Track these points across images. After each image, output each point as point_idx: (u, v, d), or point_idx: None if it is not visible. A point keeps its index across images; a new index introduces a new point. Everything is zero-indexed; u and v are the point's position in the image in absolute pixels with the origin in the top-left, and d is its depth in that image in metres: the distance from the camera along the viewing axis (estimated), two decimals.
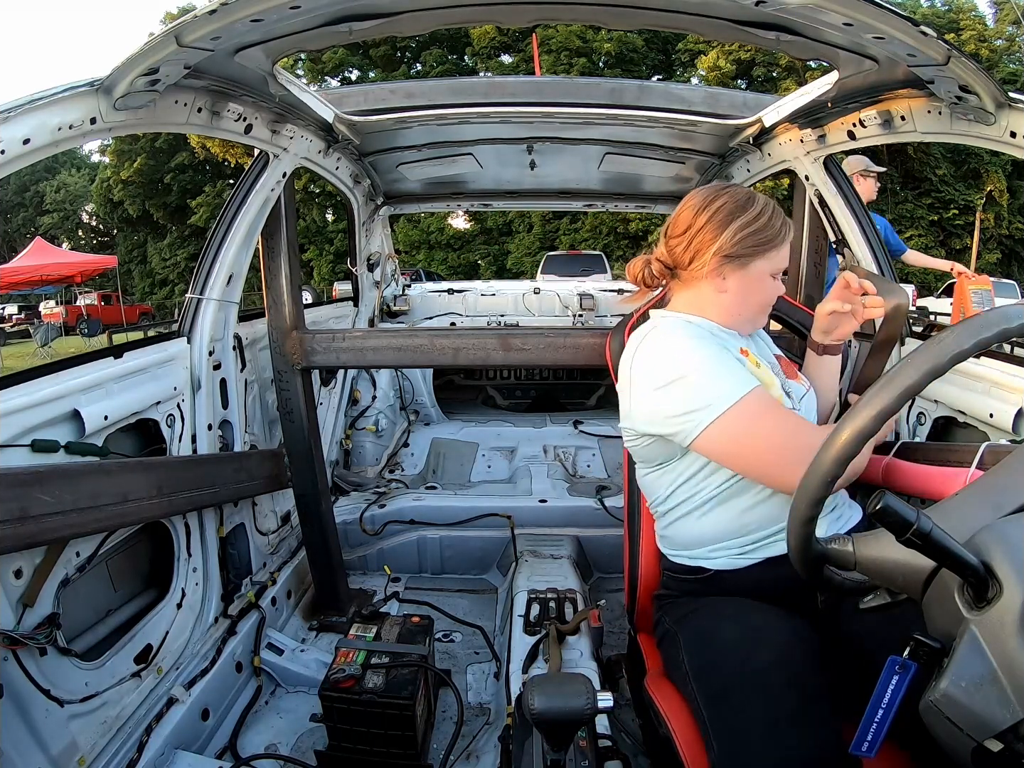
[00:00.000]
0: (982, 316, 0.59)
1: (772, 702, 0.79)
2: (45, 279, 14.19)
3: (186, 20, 0.97)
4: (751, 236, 0.97)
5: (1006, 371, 1.33)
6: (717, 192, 1.01)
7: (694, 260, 1.01)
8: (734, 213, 0.97)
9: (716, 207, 0.98)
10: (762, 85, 18.58)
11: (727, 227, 0.97)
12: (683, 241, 1.01)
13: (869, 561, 0.61)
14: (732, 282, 1.00)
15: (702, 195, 1.02)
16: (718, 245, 0.97)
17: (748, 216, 0.97)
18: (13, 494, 0.99)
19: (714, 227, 0.98)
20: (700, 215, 0.99)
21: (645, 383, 0.98)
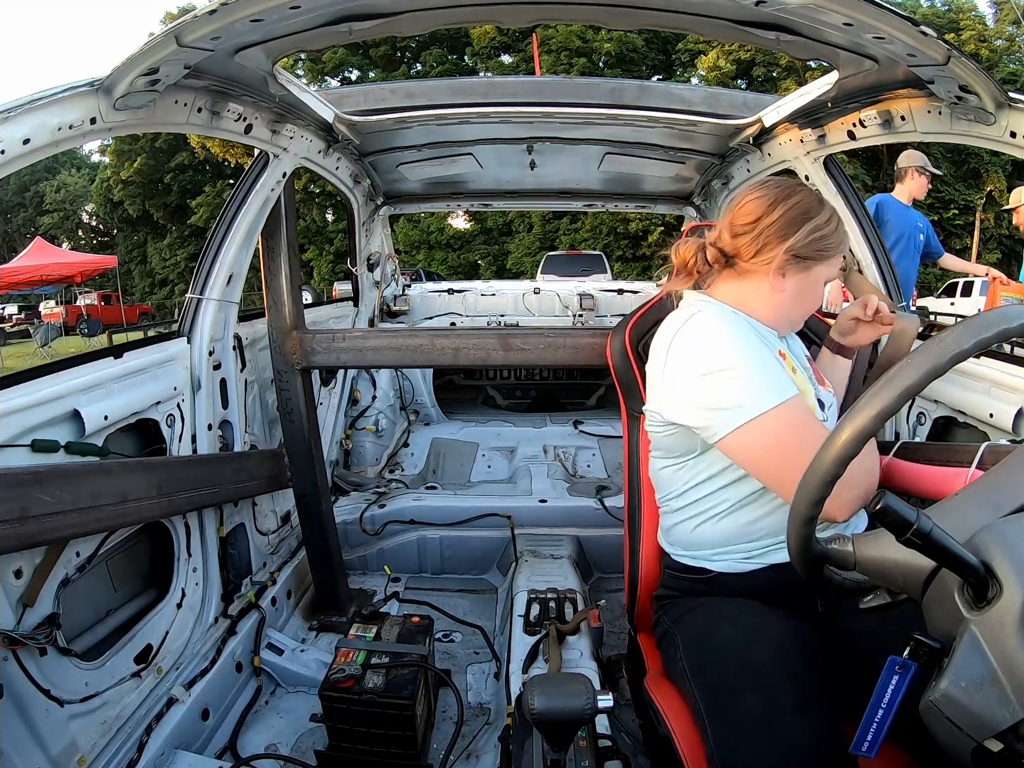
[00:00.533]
0: (982, 316, 0.59)
1: (770, 695, 0.79)
2: (45, 279, 14.20)
3: (186, 20, 0.97)
4: (821, 240, 0.95)
5: (1006, 371, 1.33)
6: (793, 188, 0.98)
7: (759, 254, 0.97)
8: (809, 213, 0.95)
9: (792, 203, 0.95)
10: (762, 85, 18.59)
11: (801, 226, 0.94)
12: (751, 232, 0.97)
13: (869, 561, 0.61)
14: (791, 282, 0.97)
15: (776, 189, 0.98)
16: (790, 243, 0.94)
17: (821, 219, 0.95)
18: (13, 494, 0.99)
19: (787, 224, 0.95)
20: (775, 209, 0.96)
21: (685, 368, 0.94)
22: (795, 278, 0.98)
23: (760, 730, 0.76)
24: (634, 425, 1.25)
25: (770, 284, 0.98)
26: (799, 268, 0.97)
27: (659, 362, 1.00)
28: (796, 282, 0.98)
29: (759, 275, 0.99)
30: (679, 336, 0.97)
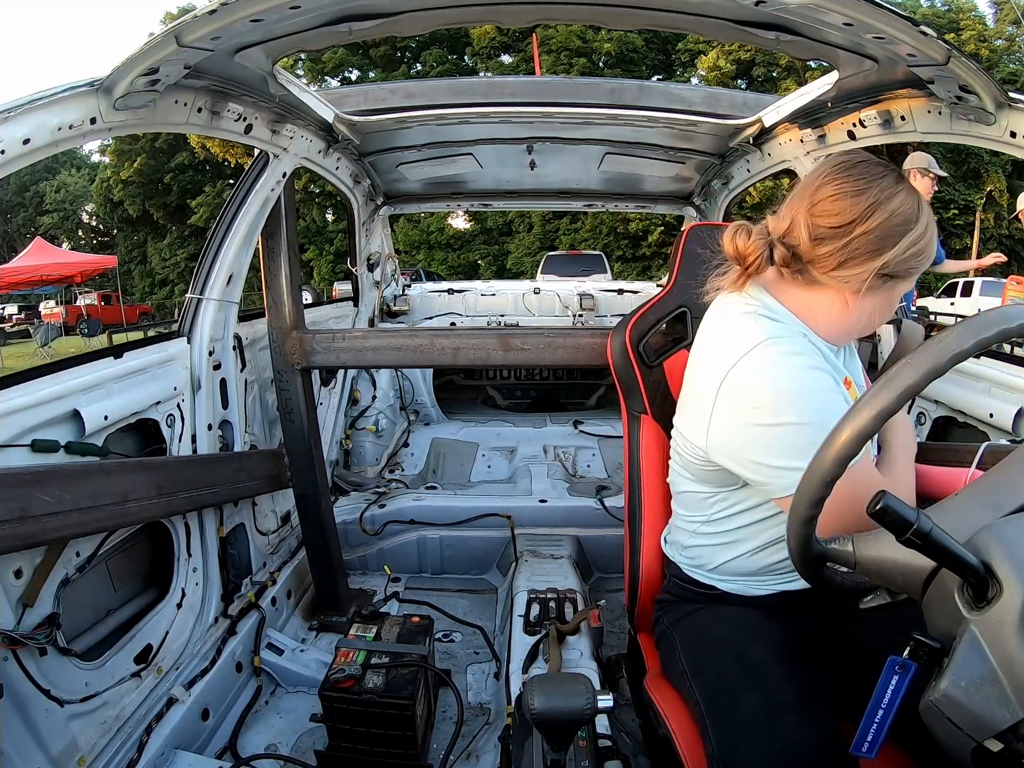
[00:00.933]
0: (982, 316, 0.59)
1: (770, 693, 0.79)
2: (45, 279, 14.20)
3: (186, 20, 0.97)
4: (917, 257, 0.79)
5: (1006, 371, 1.33)
6: (893, 187, 0.79)
7: (842, 267, 0.80)
8: (909, 222, 0.78)
9: (892, 209, 0.77)
10: (762, 85, 18.59)
11: (900, 239, 0.77)
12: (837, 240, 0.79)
13: (869, 561, 0.61)
14: (870, 303, 0.82)
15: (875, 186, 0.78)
16: (884, 260, 0.78)
17: (920, 229, 0.78)
18: (13, 494, 0.99)
19: (884, 236, 0.77)
20: (872, 215, 0.77)
21: (743, 413, 0.80)
22: (876, 298, 0.82)
23: (760, 729, 0.76)
24: (634, 425, 1.25)
25: (844, 301, 0.83)
26: (884, 288, 0.81)
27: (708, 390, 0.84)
28: (876, 302, 0.82)
29: (833, 289, 0.83)
30: (737, 371, 0.81)
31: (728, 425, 0.83)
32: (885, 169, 0.82)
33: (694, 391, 0.91)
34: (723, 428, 0.84)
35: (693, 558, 1.03)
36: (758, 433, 0.80)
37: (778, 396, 0.78)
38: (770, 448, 0.79)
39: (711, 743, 0.81)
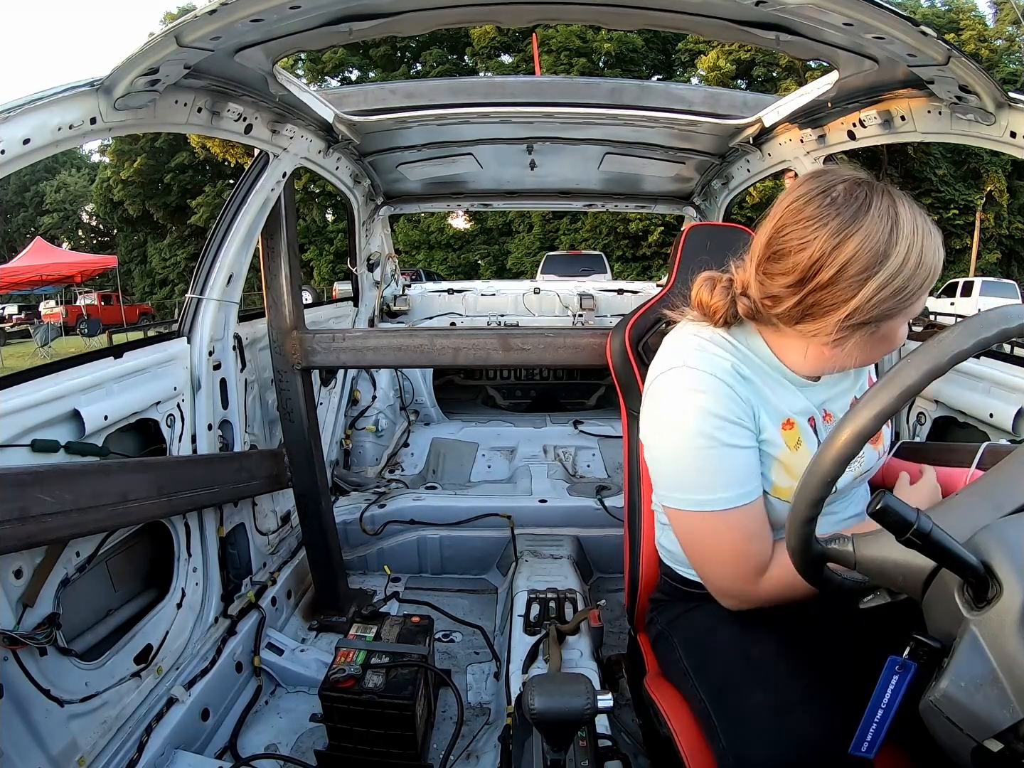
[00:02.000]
0: (982, 316, 0.59)
1: (778, 689, 0.79)
2: (45, 279, 14.20)
3: (186, 20, 0.97)
4: (894, 295, 0.68)
5: (1006, 371, 1.33)
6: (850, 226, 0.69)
7: (803, 322, 0.75)
8: (876, 260, 0.67)
9: (848, 258, 0.68)
10: (762, 85, 18.59)
11: (864, 285, 0.68)
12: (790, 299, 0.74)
13: (869, 561, 0.61)
14: (849, 346, 0.74)
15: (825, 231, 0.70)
16: (848, 311, 0.69)
17: (894, 264, 0.67)
18: (13, 494, 0.99)
19: (846, 286, 0.69)
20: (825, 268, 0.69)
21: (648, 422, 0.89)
22: (856, 342, 0.74)
23: (771, 725, 0.76)
24: (634, 425, 1.25)
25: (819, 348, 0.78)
26: (863, 332, 0.73)
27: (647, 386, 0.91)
28: (857, 345, 0.74)
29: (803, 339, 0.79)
30: (658, 384, 0.86)
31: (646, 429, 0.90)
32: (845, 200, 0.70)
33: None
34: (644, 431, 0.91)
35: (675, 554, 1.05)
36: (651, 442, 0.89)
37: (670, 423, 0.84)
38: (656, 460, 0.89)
39: (721, 741, 0.80)
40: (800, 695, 0.78)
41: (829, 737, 0.72)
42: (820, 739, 0.73)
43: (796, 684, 0.79)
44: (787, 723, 0.75)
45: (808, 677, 0.81)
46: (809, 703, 0.77)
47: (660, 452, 0.87)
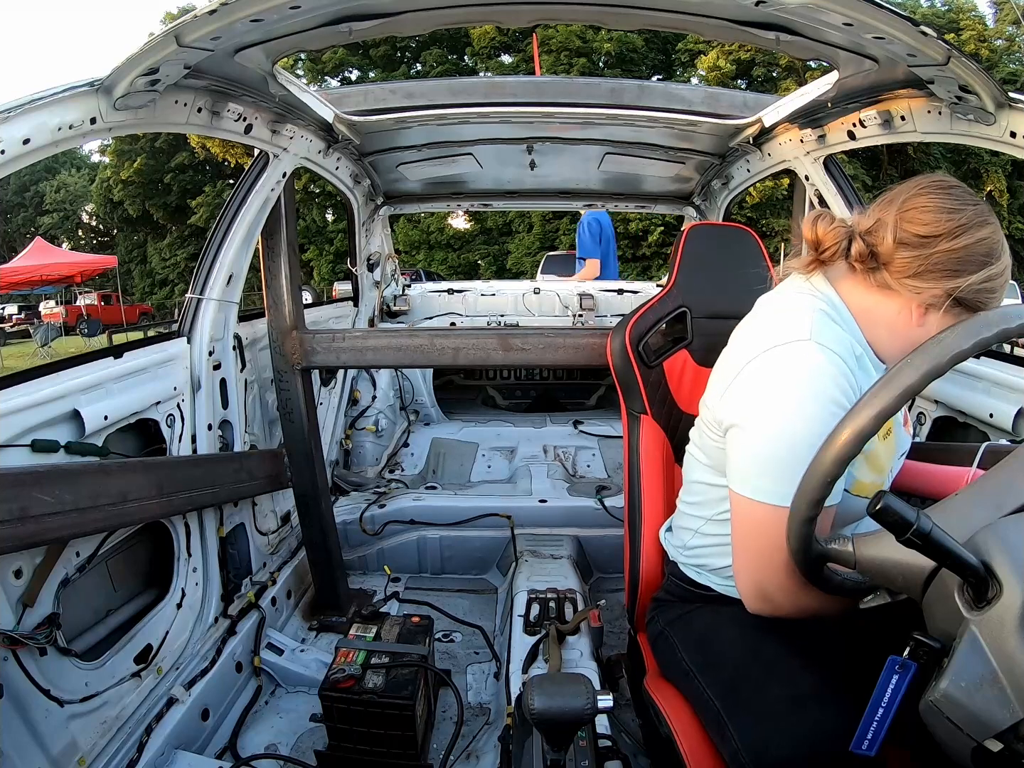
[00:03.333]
0: (982, 316, 0.59)
1: (791, 683, 0.79)
2: (45, 279, 14.20)
3: (186, 20, 0.97)
4: (990, 293, 0.78)
5: (1006, 371, 1.33)
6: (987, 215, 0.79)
7: (918, 277, 0.79)
8: (991, 256, 0.78)
9: (980, 237, 0.77)
10: (762, 85, 18.57)
11: (981, 269, 0.77)
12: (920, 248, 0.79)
13: (869, 561, 0.61)
14: (933, 323, 0.79)
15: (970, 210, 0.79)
16: (960, 283, 0.77)
17: (1000, 266, 0.78)
18: (13, 494, 0.99)
19: (966, 259, 0.77)
20: (963, 235, 0.77)
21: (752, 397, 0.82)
22: (941, 321, 0.79)
23: (789, 719, 0.76)
24: (634, 425, 1.25)
25: (910, 313, 0.81)
26: (952, 313, 0.78)
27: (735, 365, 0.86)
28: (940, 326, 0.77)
29: (902, 298, 0.81)
30: (763, 360, 0.81)
31: (739, 400, 0.84)
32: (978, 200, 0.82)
33: (727, 357, 0.91)
34: (730, 404, 0.85)
35: (694, 557, 1.03)
36: (751, 420, 0.81)
37: (781, 401, 0.78)
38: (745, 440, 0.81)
39: (734, 739, 0.79)
40: (817, 688, 0.78)
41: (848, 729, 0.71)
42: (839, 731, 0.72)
43: (811, 678, 0.79)
44: (806, 715, 0.75)
45: (821, 671, 0.80)
46: (826, 696, 0.77)
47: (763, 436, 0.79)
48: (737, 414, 0.83)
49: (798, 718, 0.75)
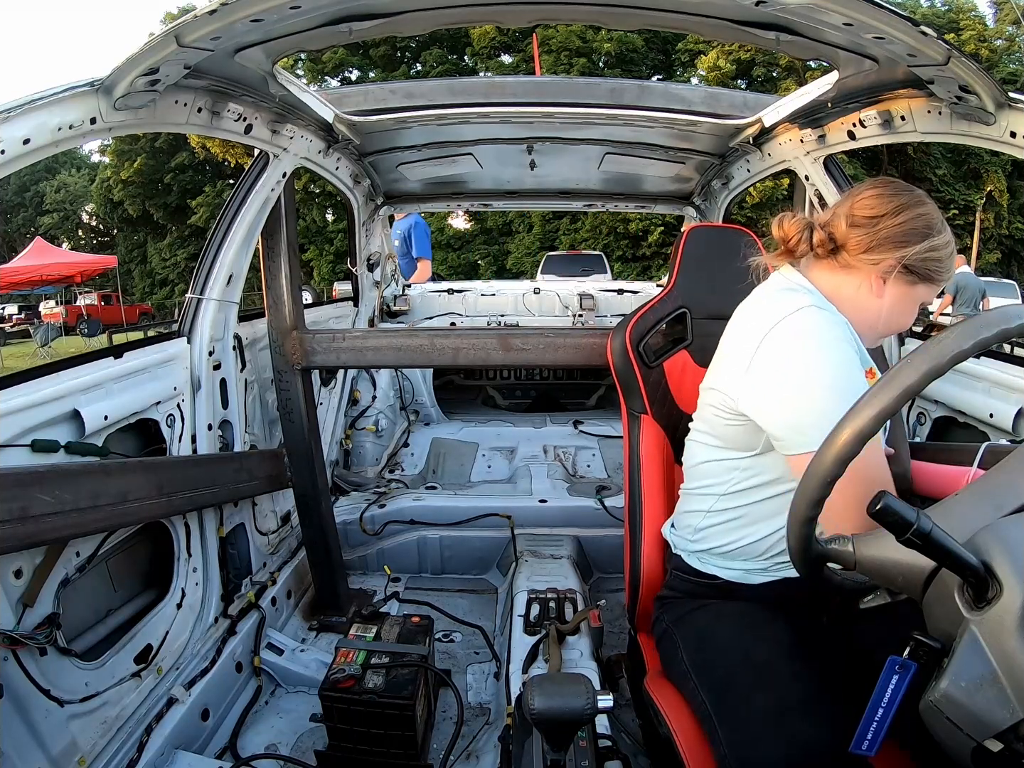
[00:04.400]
0: (982, 316, 0.59)
1: (779, 692, 0.79)
2: (45, 279, 14.19)
3: (186, 20, 0.97)
4: (935, 261, 0.90)
5: (1006, 371, 1.33)
6: (923, 198, 0.92)
7: (869, 251, 0.91)
8: (931, 229, 0.90)
9: (919, 213, 0.90)
10: (762, 85, 18.57)
11: (923, 240, 0.89)
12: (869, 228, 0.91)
13: (869, 561, 0.61)
14: (892, 292, 0.91)
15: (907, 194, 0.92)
16: (906, 252, 0.88)
17: (941, 239, 0.90)
18: (13, 494, 0.99)
19: (909, 232, 0.89)
20: (903, 212, 0.90)
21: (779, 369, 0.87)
22: (897, 289, 0.91)
23: (773, 729, 0.76)
24: (634, 425, 1.25)
25: (870, 285, 0.92)
26: (905, 282, 0.91)
27: (748, 345, 0.91)
28: (896, 294, 0.92)
29: (862, 273, 0.92)
30: (778, 330, 0.88)
31: (764, 381, 0.88)
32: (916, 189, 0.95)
33: (732, 345, 0.97)
34: (759, 384, 0.89)
35: (701, 540, 1.04)
36: (789, 391, 0.85)
37: (814, 357, 0.84)
38: (798, 408, 0.84)
39: (721, 744, 0.80)
40: (803, 697, 0.78)
41: (829, 738, 0.72)
42: (820, 740, 0.73)
43: (799, 686, 0.79)
44: (787, 726, 0.75)
45: (809, 678, 0.81)
46: (809, 705, 0.77)
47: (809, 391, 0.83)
48: (769, 385, 0.88)
49: (781, 727, 0.76)
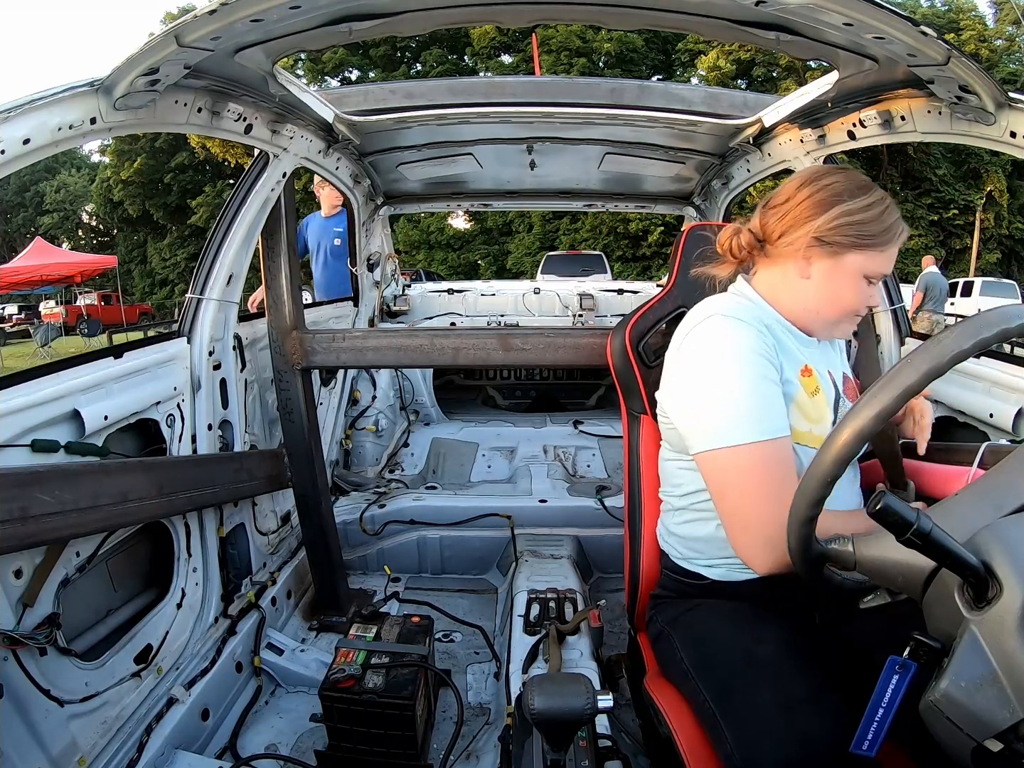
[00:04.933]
0: (982, 316, 0.59)
1: (783, 688, 0.79)
2: (45, 279, 14.20)
3: (186, 20, 0.97)
4: (852, 226, 0.88)
5: (1006, 371, 1.33)
6: (831, 170, 0.93)
7: (785, 235, 0.93)
8: (841, 196, 0.89)
9: (823, 184, 0.90)
10: (762, 85, 18.58)
11: (830, 208, 0.89)
12: (779, 212, 0.94)
13: (869, 561, 0.61)
14: (817, 269, 0.92)
15: (812, 170, 0.95)
16: (814, 224, 0.89)
17: (856, 204, 0.88)
18: (13, 494, 0.99)
19: (815, 204, 0.90)
20: (804, 188, 0.92)
21: (687, 371, 0.94)
22: (822, 264, 0.91)
23: (779, 726, 0.76)
24: (634, 425, 1.25)
25: (797, 272, 0.93)
26: (826, 254, 0.90)
27: (674, 351, 0.99)
28: (823, 269, 0.91)
29: (788, 260, 0.94)
30: (693, 335, 0.94)
31: (678, 382, 0.96)
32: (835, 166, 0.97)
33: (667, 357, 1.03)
34: (675, 385, 0.97)
35: (679, 539, 1.07)
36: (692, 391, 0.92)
37: (711, 363, 0.90)
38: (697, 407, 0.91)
39: (728, 743, 0.80)
40: (808, 693, 0.77)
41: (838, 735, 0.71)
42: (828, 737, 0.72)
43: (803, 682, 0.79)
44: (795, 721, 0.75)
45: (813, 675, 0.80)
46: (816, 701, 0.77)
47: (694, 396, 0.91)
48: (675, 390, 0.97)
49: (788, 724, 0.75)
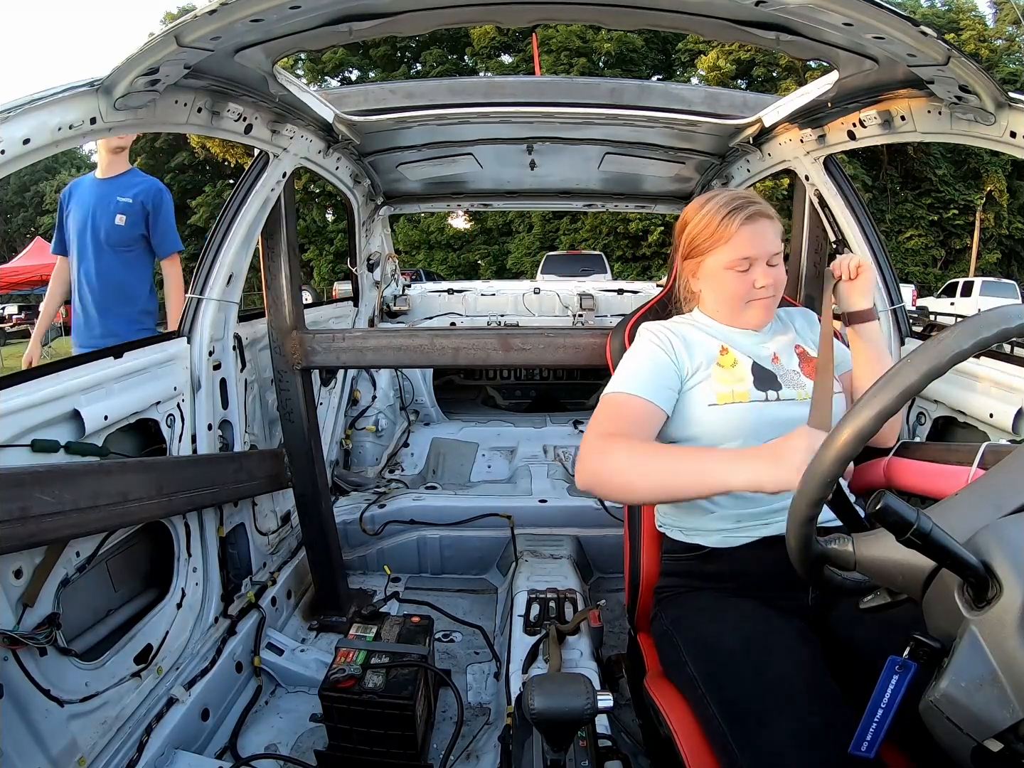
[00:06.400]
0: (982, 316, 0.59)
1: (800, 716, 0.76)
2: (45, 279, 14.10)
3: (186, 20, 0.97)
4: (693, 241, 1.12)
5: (1006, 371, 1.33)
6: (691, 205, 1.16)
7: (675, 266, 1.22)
8: (688, 224, 1.13)
9: (678, 224, 1.17)
10: (762, 85, 18.58)
11: (681, 236, 1.15)
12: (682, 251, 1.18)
13: (869, 561, 0.61)
14: (699, 278, 1.15)
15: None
16: (679, 254, 1.17)
17: (694, 224, 1.11)
18: (13, 494, 0.99)
19: (677, 238, 1.18)
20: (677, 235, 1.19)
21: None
22: (698, 275, 1.15)
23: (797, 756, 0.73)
24: None
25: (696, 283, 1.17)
26: (695, 266, 1.14)
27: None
28: (701, 277, 1.15)
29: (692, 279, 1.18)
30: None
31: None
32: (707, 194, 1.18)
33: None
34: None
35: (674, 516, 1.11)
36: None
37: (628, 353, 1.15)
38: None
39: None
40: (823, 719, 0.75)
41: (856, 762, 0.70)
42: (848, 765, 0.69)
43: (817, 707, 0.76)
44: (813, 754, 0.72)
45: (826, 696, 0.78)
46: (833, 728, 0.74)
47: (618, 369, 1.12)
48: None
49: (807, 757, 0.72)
